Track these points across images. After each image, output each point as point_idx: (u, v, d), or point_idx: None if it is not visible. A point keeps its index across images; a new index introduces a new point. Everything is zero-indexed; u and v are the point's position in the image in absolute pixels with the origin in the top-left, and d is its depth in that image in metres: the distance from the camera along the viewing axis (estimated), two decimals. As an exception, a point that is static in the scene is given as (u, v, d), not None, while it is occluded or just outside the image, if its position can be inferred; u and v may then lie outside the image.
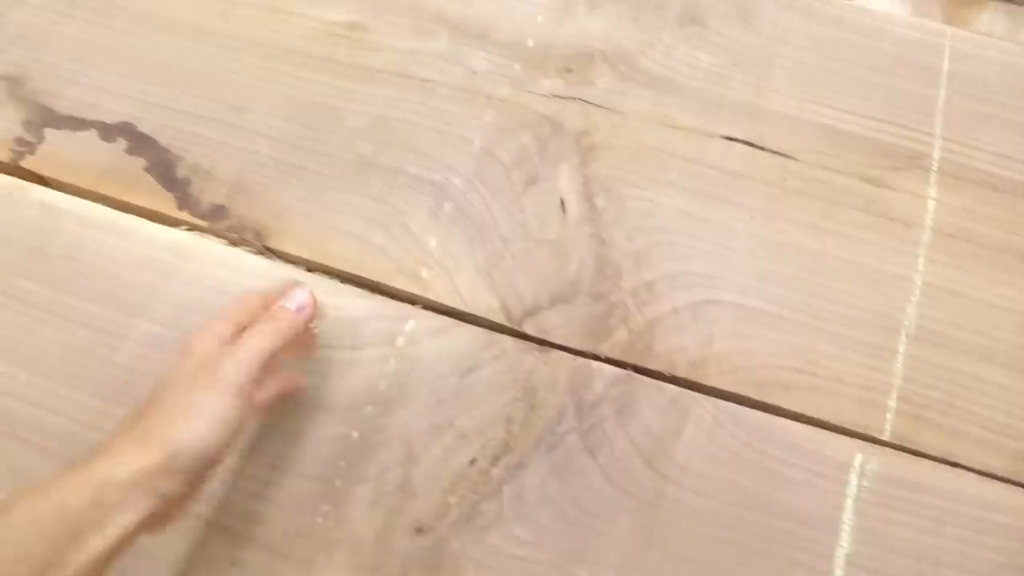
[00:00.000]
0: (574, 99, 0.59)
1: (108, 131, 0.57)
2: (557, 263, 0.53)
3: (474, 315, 0.52)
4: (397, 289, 0.52)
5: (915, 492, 0.47)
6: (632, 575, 0.45)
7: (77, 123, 0.58)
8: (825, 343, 0.51)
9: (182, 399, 0.37)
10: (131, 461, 0.34)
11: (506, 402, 0.49)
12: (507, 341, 0.51)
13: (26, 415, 0.48)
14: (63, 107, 0.58)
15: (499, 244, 0.54)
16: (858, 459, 0.48)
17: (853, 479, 0.47)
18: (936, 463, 0.48)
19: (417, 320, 0.52)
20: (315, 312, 0.44)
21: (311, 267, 0.53)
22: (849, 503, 0.47)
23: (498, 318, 0.52)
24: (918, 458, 0.48)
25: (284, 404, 0.48)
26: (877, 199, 0.55)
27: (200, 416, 0.36)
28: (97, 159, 0.56)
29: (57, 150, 0.57)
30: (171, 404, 0.37)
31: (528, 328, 0.51)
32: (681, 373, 0.50)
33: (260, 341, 0.39)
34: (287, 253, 0.53)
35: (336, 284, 0.53)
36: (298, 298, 0.43)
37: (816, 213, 0.55)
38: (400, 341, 0.51)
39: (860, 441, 0.48)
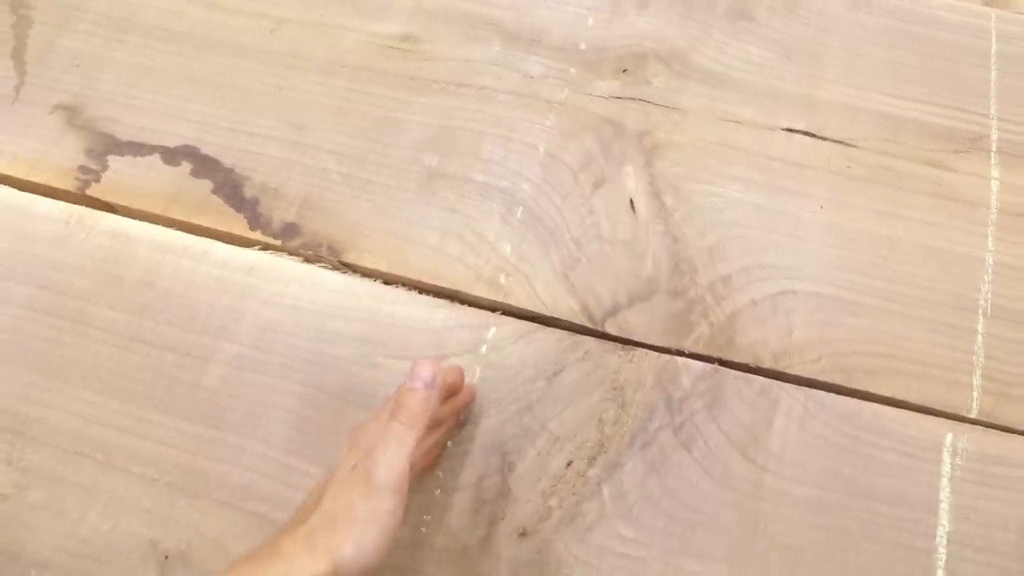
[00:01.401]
0: (633, 99, 0.59)
1: (171, 155, 0.57)
2: (632, 263, 0.54)
3: (556, 318, 0.52)
4: (477, 297, 0.53)
5: (1009, 468, 0.48)
6: (742, 566, 0.45)
7: (139, 148, 0.58)
8: (904, 326, 0.51)
9: (344, 506, 0.37)
10: (304, 567, 0.35)
11: (595, 403, 0.50)
12: (591, 342, 0.52)
13: (120, 443, 0.48)
14: (123, 133, 0.58)
15: (573, 247, 0.54)
16: (949, 438, 0.48)
17: (946, 458, 0.48)
18: (1027, 438, 0.48)
19: (499, 327, 0.52)
20: (449, 379, 0.44)
21: (388, 280, 0.54)
22: (945, 482, 0.47)
23: (580, 320, 0.52)
24: (1008, 434, 0.49)
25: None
26: (941, 182, 0.56)
27: (362, 527, 0.37)
28: (163, 183, 0.56)
29: (122, 177, 0.57)
30: (335, 510, 0.37)
31: (610, 328, 0.52)
32: (766, 364, 0.51)
33: (401, 434, 0.39)
34: (363, 267, 0.54)
35: (414, 295, 0.53)
36: (421, 374, 0.41)
37: (883, 199, 0.55)
38: (484, 349, 0.51)
39: (949, 421, 0.49)
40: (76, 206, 0.56)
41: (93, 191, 0.56)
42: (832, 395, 0.50)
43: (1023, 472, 0.48)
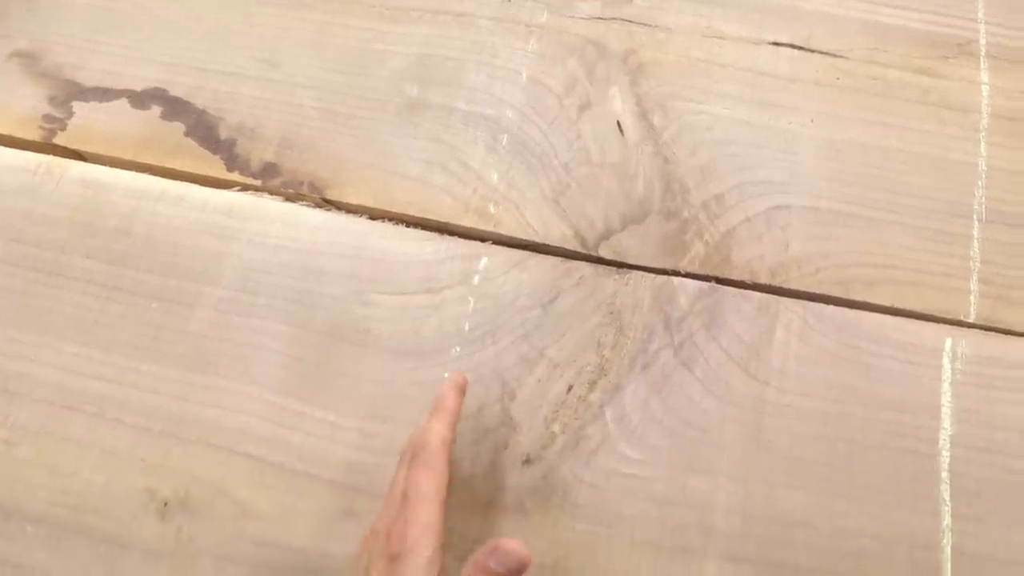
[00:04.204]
0: (615, 19, 0.58)
1: (139, 99, 0.55)
2: (623, 185, 0.53)
3: (548, 245, 0.51)
4: (466, 227, 0.51)
5: (1009, 369, 0.48)
6: (746, 479, 0.45)
7: (104, 93, 0.55)
8: (900, 235, 0.51)
9: None
10: None
11: (593, 327, 0.49)
12: (585, 267, 0.51)
13: (109, 394, 0.47)
14: (87, 79, 0.56)
15: (562, 172, 0.53)
16: (948, 343, 0.48)
17: (946, 363, 0.48)
18: (1025, 339, 0.48)
19: (490, 257, 0.51)
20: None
21: (374, 215, 0.52)
22: (946, 387, 0.47)
23: (572, 245, 0.51)
24: (1007, 336, 0.48)
25: (368, 352, 0.48)
26: (932, 89, 0.55)
27: None
28: (132, 128, 0.54)
29: (89, 123, 0.54)
30: None
31: (604, 252, 0.51)
32: (763, 280, 0.50)
33: (423, 509, 0.37)
34: (347, 203, 0.52)
35: (402, 229, 0.52)
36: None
37: (873, 109, 0.54)
38: (476, 279, 0.50)
39: (948, 326, 0.49)
40: (43, 155, 0.54)
41: (60, 139, 0.54)
42: (831, 307, 0.49)
43: (1022, 372, 0.48)
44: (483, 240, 0.52)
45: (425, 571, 0.35)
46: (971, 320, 0.49)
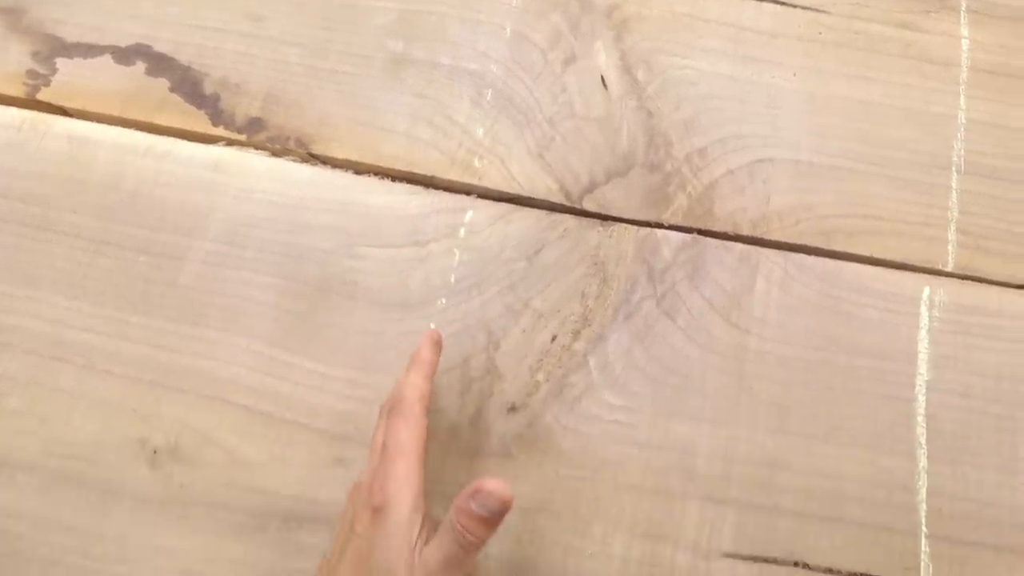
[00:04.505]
0: (599, -26, 0.58)
1: (123, 55, 0.55)
2: (607, 139, 0.53)
3: (532, 198, 0.51)
4: (452, 181, 0.52)
5: (985, 317, 0.49)
6: (728, 424, 0.46)
7: (88, 49, 0.55)
8: (881, 187, 0.52)
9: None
10: None
11: (577, 278, 0.50)
12: (569, 220, 0.51)
13: (99, 345, 0.48)
14: (70, 34, 0.56)
15: (547, 126, 0.53)
16: (926, 292, 0.49)
17: (924, 311, 0.49)
18: (1002, 287, 0.49)
19: (476, 210, 0.51)
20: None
21: (360, 169, 0.52)
22: (923, 334, 0.48)
23: (557, 198, 0.51)
24: (984, 285, 0.49)
25: (357, 304, 0.48)
26: (913, 43, 0.55)
27: None
28: (117, 84, 0.54)
29: (73, 79, 0.54)
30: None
31: (588, 205, 0.51)
32: (745, 231, 0.51)
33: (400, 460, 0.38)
34: (333, 158, 0.52)
35: (388, 183, 0.52)
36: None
37: (855, 63, 0.55)
38: (462, 232, 0.51)
39: (926, 275, 0.50)
40: (27, 111, 0.54)
41: (44, 95, 0.54)
42: (812, 257, 0.50)
43: (999, 320, 0.49)
44: (468, 194, 0.52)
45: (407, 521, 0.36)
46: (949, 269, 0.50)
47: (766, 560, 0.44)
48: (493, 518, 0.35)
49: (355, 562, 0.36)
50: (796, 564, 0.44)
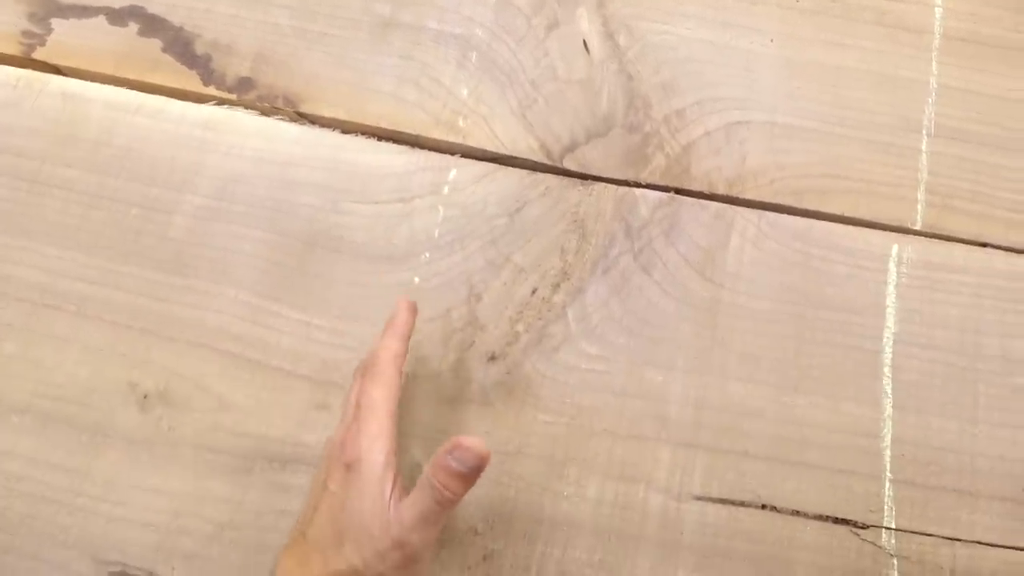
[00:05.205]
0: (583, -58, 0.59)
1: (116, 15, 0.56)
2: (588, 101, 0.54)
3: (515, 157, 0.53)
4: (436, 140, 0.53)
5: (950, 273, 0.50)
6: (700, 373, 0.48)
7: (82, 11, 0.56)
8: (853, 149, 0.53)
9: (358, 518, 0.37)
10: None
11: (557, 234, 0.51)
12: (550, 179, 0.53)
13: (92, 294, 0.49)
14: (65, -4, 0.57)
15: (530, 88, 0.55)
16: (894, 249, 0.51)
17: (892, 267, 0.50)
18: (967, 245, 0.51)
19: (459, 168, 0.53)
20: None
21: (347, 128, 0.54)
22: (891, 289, 0.50)
23: (538, 158, 0.53)
24: (950, 243, 0.51)
25: (343, 257, 0.50)
26: (888, 11, 0.57)
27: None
28: (111, 44, 0.55)
29: (67, 39, 0.56)
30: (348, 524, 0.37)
31: (569, 164, 0.53)
32: (720, 191, 0.52)
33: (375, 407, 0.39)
34: (322, 117, 0.54)
35: (374, 142, 0.54)
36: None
37: (832, 30, 0.56)
38: (446, 190, 0.52)
39: (895, 234, 0.51)
40: (23, 70, 0.55)
41: (39, 54, 0.55)
42: (784, 216, 0.52)
43: (964, 276, 0.50)
44: (452, 153, 0.53)
45: (379, 476, 0.37)
46: (917, 228, 0.51)
47: (735, 503, 0.46)
48: (470, 474, 0.36)
49: (329, 518, 0.37)
50: (764, 507, 0.46)
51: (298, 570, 0.37)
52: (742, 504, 0.46)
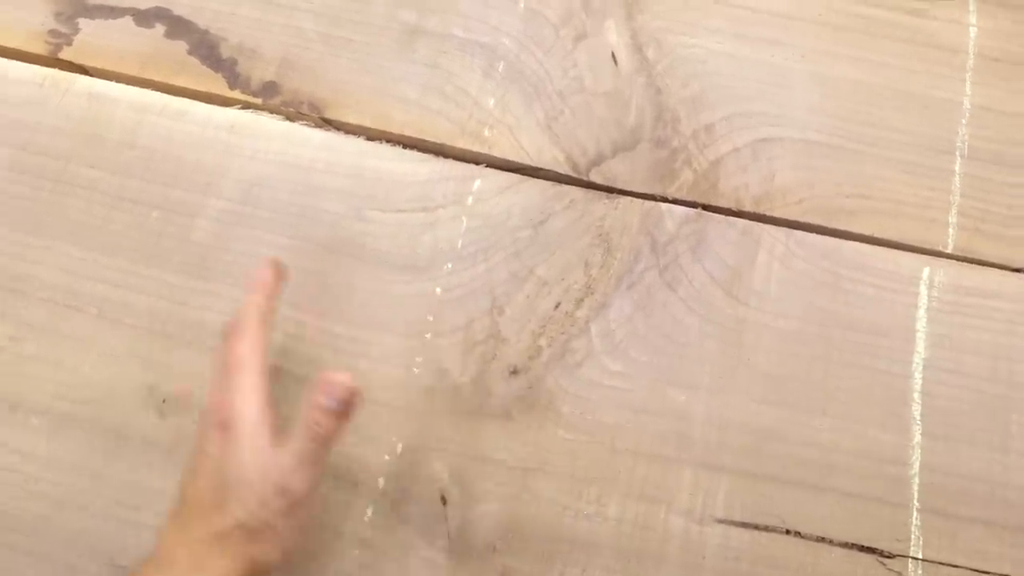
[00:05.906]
0: (613, -47, 0.58)
1: (143, 17, 0.56)
2: (616, 114, 0.54)
3: (540, 169, 0.52)
4: (461, 150, 0.53)
5: (983, 298, 0.49)
6: (725, 393, 0.47)
7: (109, 11, 0.56)
8: (884, 169, 0.52)
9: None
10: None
11: (582, 248, 0.51)
12: (576, 191, 0.52)
13: (113, 297, 0.49)
14: (93, -3, 0.57)
15: (557, 99, 0.54)
16: (926, 272, 0.50)
17: (923, 291, 0.49)
18: (1000, 270, 0.50)
19: (484, 179, 0.52)
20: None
21: (372, 136, 0.53)
22: (922, 313, 0.49)
23: (564, 170, 0.52)
24: (983, 267, 0.50)
25: (365, 266, 0.49)
26: (920, 30, 0.56)
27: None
28: (137, 46, 0.55)
29: (94, 39, 0.55)
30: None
31: (595, 177, 0.52)
32: (748, 208, 0.51)
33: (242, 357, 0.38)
34: (346, 123, 0.53)
35: (399, 150, 0.53)
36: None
37: (863, 47, 0.56)
38: (470, 200, 0.52)
39: (926, 256, 0.50)
40: (49, 69, 0.55)
41: (65, 54, 0.55)
42: (813, 235, 0.51)
43: (996, 302, 0.49)
44: (477, 163, 0.53)
45: (254, 430, 0.37)
46: (949, 251, 0.50)
47: (758, 527, 0.45)
48: (340, 408, 0.37)
49: (208, 481, 0.37)
50: (788, 532, 0.45)
51: (179, 535, 0.36)
52: (766, 529, 0.45)
